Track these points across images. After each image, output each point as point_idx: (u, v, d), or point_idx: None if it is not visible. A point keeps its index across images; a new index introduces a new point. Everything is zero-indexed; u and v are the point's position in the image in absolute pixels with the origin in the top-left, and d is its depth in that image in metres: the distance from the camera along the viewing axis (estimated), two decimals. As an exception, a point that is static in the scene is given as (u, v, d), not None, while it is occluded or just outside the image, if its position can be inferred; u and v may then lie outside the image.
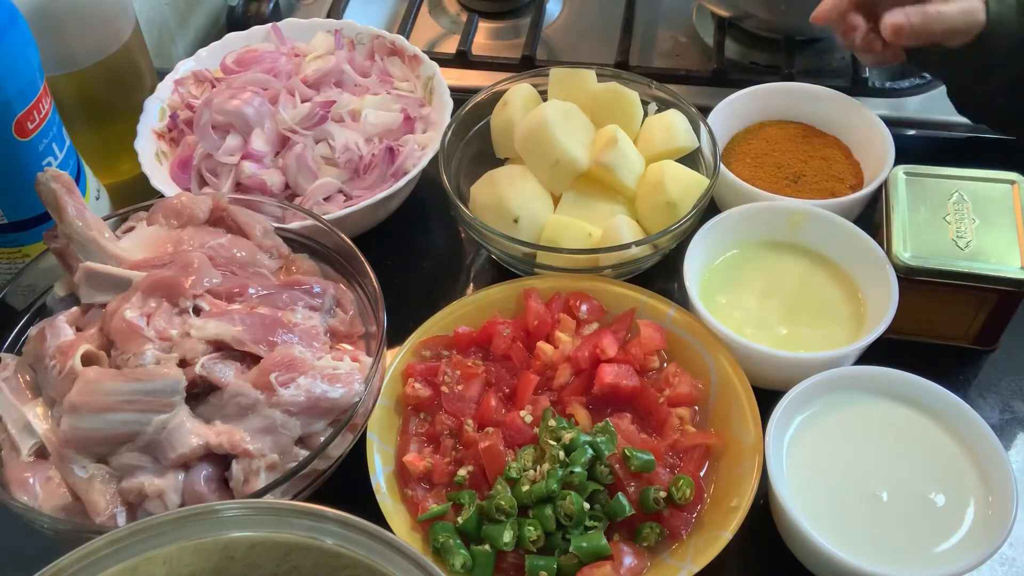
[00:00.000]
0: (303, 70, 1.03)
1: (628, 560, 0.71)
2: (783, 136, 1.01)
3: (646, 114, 0.98)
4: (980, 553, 0.68)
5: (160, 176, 0.95)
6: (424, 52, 1.05)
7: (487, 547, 0.71)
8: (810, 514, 0.71)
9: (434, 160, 0.94)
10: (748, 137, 1.02)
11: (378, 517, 0.73)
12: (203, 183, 0.97)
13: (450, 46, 1.22)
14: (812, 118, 1.02)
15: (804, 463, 0.75)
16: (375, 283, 0.80)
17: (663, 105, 0.99)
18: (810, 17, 0.93)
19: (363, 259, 0.81)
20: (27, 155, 0.83)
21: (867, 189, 0.93)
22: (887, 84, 1.13)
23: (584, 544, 0.70)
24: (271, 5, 1.26)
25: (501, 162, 0.99)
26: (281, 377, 0.71)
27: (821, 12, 0.93)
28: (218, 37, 1.09)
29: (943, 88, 0.98)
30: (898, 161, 0.91)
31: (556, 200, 0.94)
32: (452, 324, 0.85)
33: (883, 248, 0.85)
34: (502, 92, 0.98)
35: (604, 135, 0.92)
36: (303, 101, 0.99)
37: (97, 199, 0.94)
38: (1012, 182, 0.88)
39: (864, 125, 0.98)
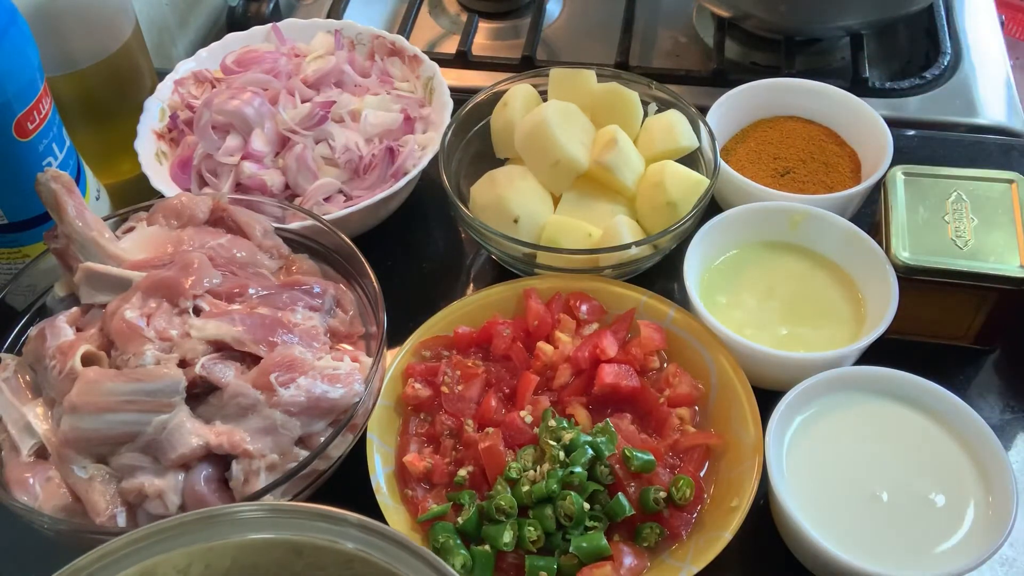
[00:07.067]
0: (303, 70, 1.02)
1: (628, 560, 0.71)
2: (781, 133, 1.01)
3: (646, 114, 0.98)
4: (980, 553, 0.68)
5: (160, 176, 0.95)
6: (424, 52, 1.05)
7: (487, 547, 0.71)
8: (810, 514, 0.71)
9: (434, 160, 0.94)
10: (747, 134, 1.02)
11: (378, 517, 0.73)
12: (203, 183, 0.97)
13: (450, 46, 1.22)
14: (812, 113, 1.02)
15: (804, 463, 0.75)
16: (375, 283, 0.80)
17: (663, 105, 0.99)
18: None
19: (363, 259, 0.81)
20: (27, 155, 0.83)
21: (865, 184, 0.92)
22: (887, 84, 1.13)
23: (584, 544, 0.70)
24: (271, 5, 1.26)
25: (501, 162, 0.99)
26: (281, 377, 0.71)
27: None
28: (218, 37, 1.09)
29: (943, 88, 0.98)
30: (897, 161, 0.91)
31: (556, 200, 0.94)
32: (452, 324, 0.85)
33: (882, 248, 0.85)
34: (502, 92, 0.98)
35: (604, 135, 0.92)
36: (303, 101, 0.99)
37: (97, 199, 0.94)
38: (1010, 181, 0.88)
39: (862, 120, 0.98)
